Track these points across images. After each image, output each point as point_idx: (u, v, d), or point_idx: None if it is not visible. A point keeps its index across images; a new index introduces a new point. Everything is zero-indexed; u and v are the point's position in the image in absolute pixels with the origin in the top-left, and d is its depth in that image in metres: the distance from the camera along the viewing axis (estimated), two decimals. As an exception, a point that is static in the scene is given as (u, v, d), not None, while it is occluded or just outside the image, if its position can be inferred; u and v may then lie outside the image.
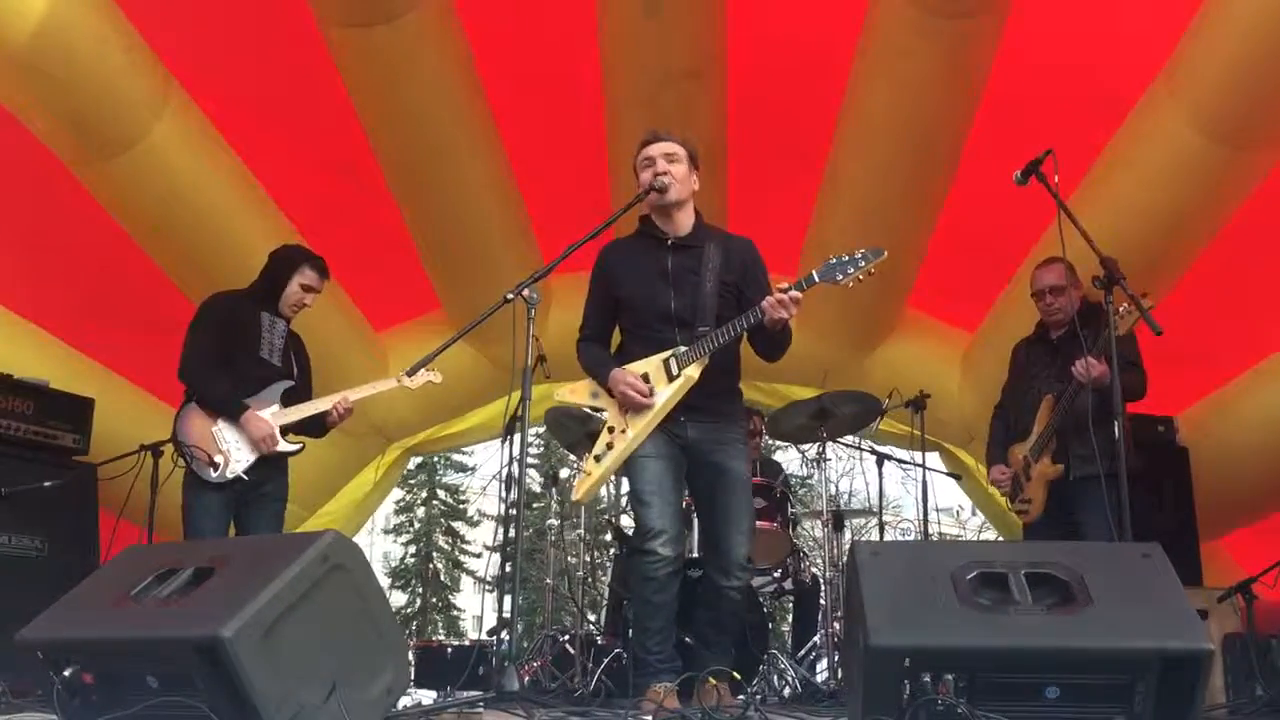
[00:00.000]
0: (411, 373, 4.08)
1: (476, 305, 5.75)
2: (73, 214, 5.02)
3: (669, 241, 3.51)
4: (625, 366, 3.45)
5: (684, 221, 3.54)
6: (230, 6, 4.69)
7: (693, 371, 3.35)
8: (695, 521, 4.58)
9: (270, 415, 4.17)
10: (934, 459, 5.43)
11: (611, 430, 3.41)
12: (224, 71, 4.96)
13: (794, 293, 3.24)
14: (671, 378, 3.36)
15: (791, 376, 6.05)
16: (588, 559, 5.98)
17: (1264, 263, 4.83)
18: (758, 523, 4.62)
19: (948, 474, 6.39)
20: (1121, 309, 3.50)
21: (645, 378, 3.40)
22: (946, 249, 5.42)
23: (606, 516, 7.23)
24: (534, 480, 18.27)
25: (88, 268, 5.31)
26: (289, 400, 4.28)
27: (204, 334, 4.23)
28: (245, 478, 4.09)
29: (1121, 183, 4.68)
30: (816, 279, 3.29)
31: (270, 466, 4.22)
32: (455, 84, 4.94)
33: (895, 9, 4.39)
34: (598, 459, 3.39)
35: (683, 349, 3.37)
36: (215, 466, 4.05)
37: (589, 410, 3.61)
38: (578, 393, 3.62)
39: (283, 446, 4.20)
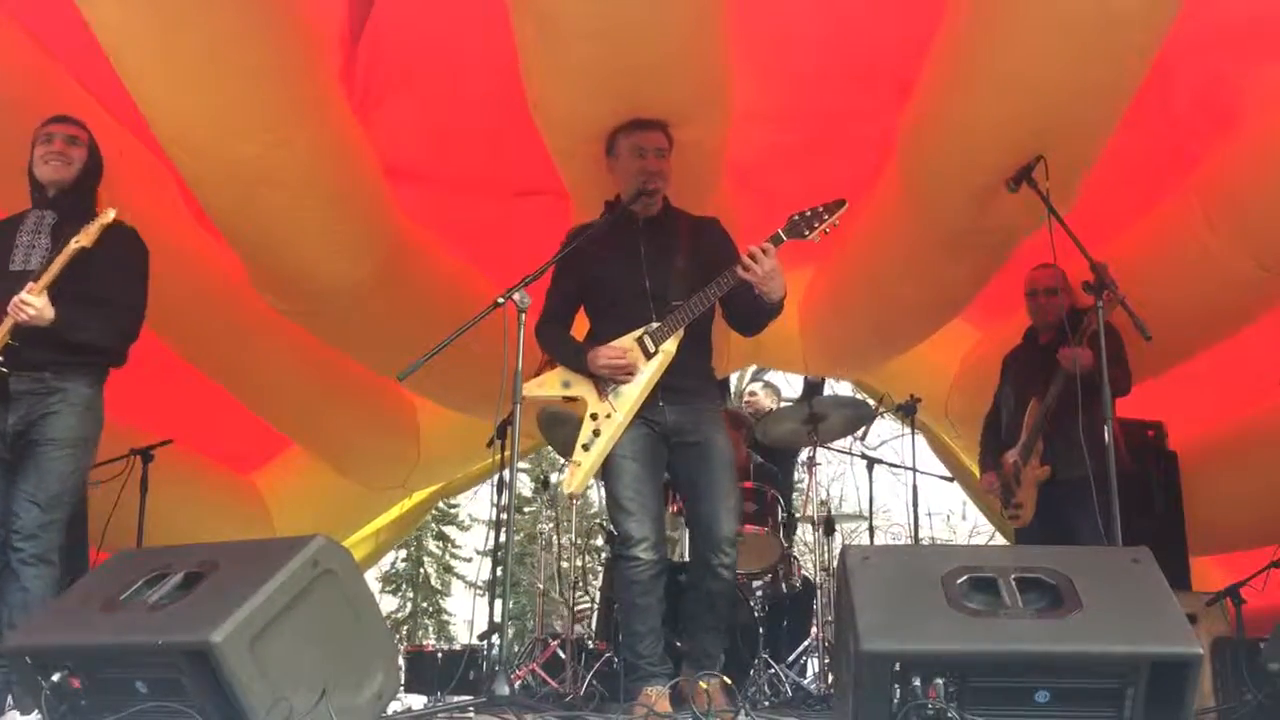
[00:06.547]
0: (402, 376, 3.77)
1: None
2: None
3: (640, 221, 3.51)
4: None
5: (654, 203, 3.54)
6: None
7: (669, 346, 3.33)
8: (684, 526, 4.57)
9: None
10: (925, 457, 5.41)
11: (595, 417, 3.35)
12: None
13: (766, 244, 3.23)
14: (649, 355, 3.34)
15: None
16: (579, 563, 5.96)
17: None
18: (749, 527, 4.62)
19: (940, 477, 6.40)
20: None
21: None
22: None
23: (598, 520, 7.22)
24: (525, 485, 18.19)
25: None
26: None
27: None
28: None
29: (1153, 290, 4.27)
30: (784, 236, 3.30)
31: (25, 410, 3.33)
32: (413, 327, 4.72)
33: (914, 237, 4.45)
34: (586, 448, 3.32)
35: (655, 325, 3.34)
36: None
37: (562, 401, 3.49)
38: (547, 384, 3.48)
39: None
